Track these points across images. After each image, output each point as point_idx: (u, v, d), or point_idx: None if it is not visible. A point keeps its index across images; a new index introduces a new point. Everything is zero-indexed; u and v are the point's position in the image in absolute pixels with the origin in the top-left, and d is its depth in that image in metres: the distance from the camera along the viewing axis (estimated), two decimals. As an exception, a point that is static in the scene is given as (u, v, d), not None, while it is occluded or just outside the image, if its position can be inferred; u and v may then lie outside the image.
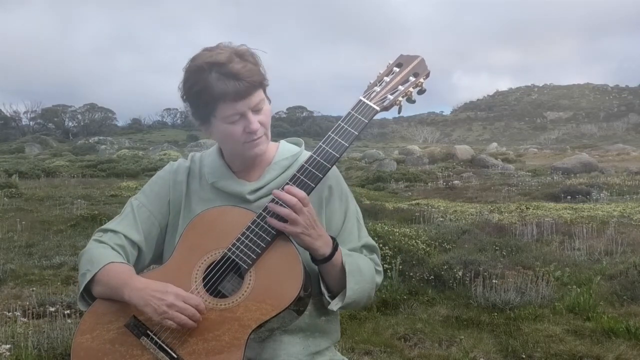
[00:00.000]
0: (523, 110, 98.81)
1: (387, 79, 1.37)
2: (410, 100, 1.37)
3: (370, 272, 1.40)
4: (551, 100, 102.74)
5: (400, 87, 1.36)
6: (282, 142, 1.51)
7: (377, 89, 1.36)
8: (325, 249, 1.31)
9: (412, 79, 1.36)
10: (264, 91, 1.37)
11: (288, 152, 1.46)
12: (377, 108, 1.33)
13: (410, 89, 1.36)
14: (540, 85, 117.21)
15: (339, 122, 1.33)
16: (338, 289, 1.36)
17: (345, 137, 1.31)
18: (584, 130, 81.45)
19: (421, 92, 1.38)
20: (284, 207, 1.27)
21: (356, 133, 1.31)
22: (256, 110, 1.34)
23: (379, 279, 1.43)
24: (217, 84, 1.28)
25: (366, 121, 1.33)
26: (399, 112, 1.41)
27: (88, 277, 1.31)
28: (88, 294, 1.35)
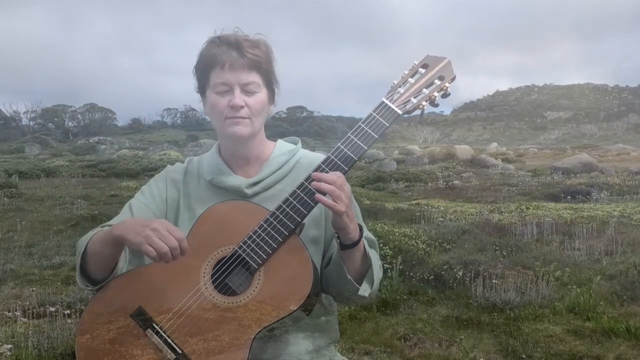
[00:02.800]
0: (523, 110, 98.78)
1: (411, 80, 1.32)
2: (433, 103, 1.33)
3: (379, 264, 1.42)
4: (551, 100, 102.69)
5: (425, 90, 1.31)
6: (279, 140, 1.53)
7: (401, 90, 1.32)
8: (355, 232, 1.30)
9: (437, 82, 1.32)
10: (266, 84, 1.38)
11: (285, 149, 1.48)
12: (399, 111, 1.30)
13: (435, 93, 1.32)
14: (540, 85, 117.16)
15: (360, 123, 1.29)
16: (359, 275, 1.35)
17: (365, 140, 1.28)
18: (584, 130, 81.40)
19: (445, 95, 1.33)
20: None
21: (376, 136, 1.28)
22: (246, 90, 1.35)
23: (381, 273, 1.44)
24: (217, 51, 1.34)
25: (387, 124, 1.29)
26: (421, 115, 1.37)
27: (81, 250, 1.31)
28: (89, 281, 1.34)
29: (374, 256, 1.40)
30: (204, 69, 1.38)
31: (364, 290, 1.33)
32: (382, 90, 1.36)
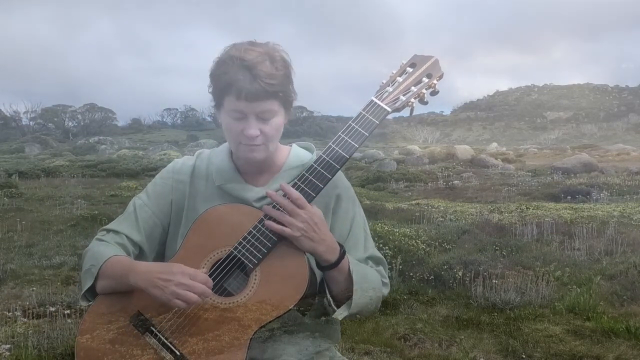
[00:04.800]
0: (523, 110, 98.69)
1: (399, 79, 1.35)
2: (422, 101, 1.35)
3: (377, 283, 1.39)
4: (551, 100, 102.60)
5: (413, 88, 1.34)
6: (294, 147, 1.49)
7: (390, 89, 1.34)
8: (329, 255, 1.29)
9: (425, 80, 1.34)
10: (284, 104, 1.33)
11: (299, 160, 1.44)
12: (389, 109, 1.32)
13: (423, 90, 1.34)
14: (540, 85, 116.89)
15: (350, 122, 1.32)
16: (343, 296, 1.34)
17: (356, 138, 1.30)
18: (584, 130, 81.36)
19: (434, 93, 1.36)
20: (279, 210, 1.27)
21: (367, 134, 1.30)
22: (262, 118, 1.30)
23: (385, 290, 1.42)
24: (232, 77, 1.27)
25: (377, 122, 1.31)
26: (410, 114, 1.39)
27: (94, 272, 1.31)
28: (89, 292, 1.35)
29: (370, 279, 1.36)
30: (219, 90, 1.32)
31: (340, 313, 1.32)
32: (382, 90, 1.34)
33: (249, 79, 1.26)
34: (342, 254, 1.31)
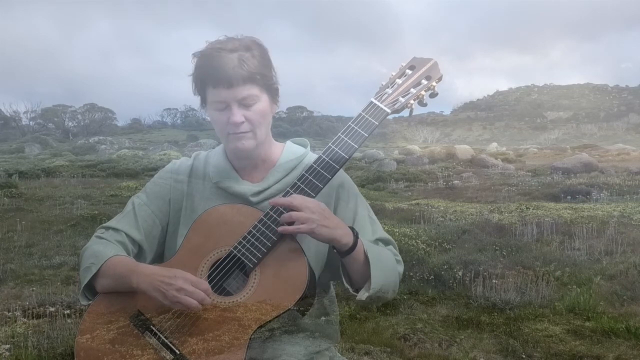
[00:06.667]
0: (523, 110, 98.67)
1: (399, 81, 1.36)
2: (421, 103, 1.37)
3: (391, 261, 1.40)
4: (551, 100, 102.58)
5: (412, 90, 1.35)
6: (288, 143, 1.51)
7: (389, 91, 1.35)
8: (347, 238, 1.29)
9: (424, 82, 1.36)
10: (266, 90, 1.35)
11: (293, 155, 1.46)
12: (388, 110, 1.33)
13: (422, 92, 1.36)
14: (540, 85, 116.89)
15: (349, 123, 1.33)
16: (363, 280, 1.34)
17: (355, 139, 1.31)
18: (584, 130, 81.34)
19: (433, 95, 1.38)
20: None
21: (366, 135, 1.31)
22: (244, 104, 1.32)
23: (400, 268, 1.43)
24: (210, 68, 1.31)
25: (376, 123, 1.32)
26: (409, 114, 1.40)
27: (94, 270, 1.31)
28: (89, 291, 1.35)
29: (383, 257, 1.38)
30: (200, 85, 1.36)
31: (362, 294, 1.33)
32: (382, 90, 1.35)
33: (224, 65, 1.29)
34: (356, 235, 1.32)
